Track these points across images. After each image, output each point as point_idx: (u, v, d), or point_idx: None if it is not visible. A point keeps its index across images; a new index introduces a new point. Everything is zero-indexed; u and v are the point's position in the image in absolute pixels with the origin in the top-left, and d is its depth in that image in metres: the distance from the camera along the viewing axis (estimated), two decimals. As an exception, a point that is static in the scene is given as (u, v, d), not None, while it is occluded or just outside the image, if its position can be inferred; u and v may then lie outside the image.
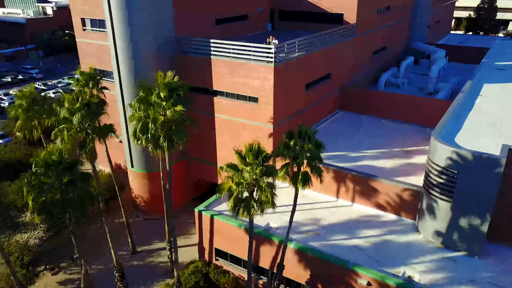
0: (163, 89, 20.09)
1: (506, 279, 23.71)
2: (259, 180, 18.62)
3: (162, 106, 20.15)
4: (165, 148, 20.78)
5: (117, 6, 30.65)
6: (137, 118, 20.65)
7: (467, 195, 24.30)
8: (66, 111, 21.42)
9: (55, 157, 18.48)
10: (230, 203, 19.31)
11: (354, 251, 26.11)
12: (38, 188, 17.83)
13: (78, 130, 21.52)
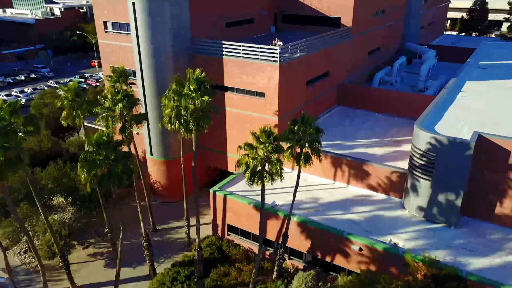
0: (193, 83, 24.51)
1: (476, 245, 28.15)
2: (270, 156, 23.03)
3: (192, 97, 24.56)
4: (193, 131, 25.17)
5: (141, 13, 35.05)
6: (171, 106, 25.08)
7: (443, 174, 28.74)
8: (110, 102, 25.82)
9: (105, 138, 22.83)
10: (247, 174, 23.73)
11: (348, 223, 30.53)
12: (91, 162, 22.16)
13: (119, 117, 25.92)
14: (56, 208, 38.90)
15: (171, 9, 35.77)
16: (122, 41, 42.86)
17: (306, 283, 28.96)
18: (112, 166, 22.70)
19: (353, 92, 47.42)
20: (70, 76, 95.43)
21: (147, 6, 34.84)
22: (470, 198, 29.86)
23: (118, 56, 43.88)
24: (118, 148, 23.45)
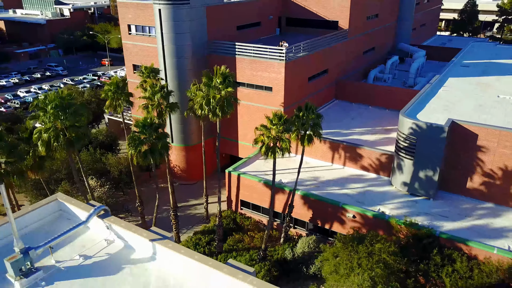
0: (219, 77, 30.27)
1: (450, 213, 34.02)
2: (280, 135, 28.82)
3: (218, 88, 30.33)
4: (219, 116, 30.97)
5: (166, 18, 40.85)
6: (201, 96, 30.82)
7: (423, 154, 34.61)
8: (150, 92, 31.54)
9: (148, 121, 28.57)
10: (262, 149, 29.53)
11: (344, 196, 36.38)
12: (138, 140, 27.89)
13: (157, 105, 31.62)
14: (91, 189, 44.62)
15: (191, 16, 41.57)
16: (144, 42, 48.64)
17: (309, 245, 34.89)
18: (154, 144, 28.47)
19: (349, 87, 53.29)
20: (83, 74, 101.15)
21: (171, 12, 40.64)
22: (446, 175, 35.76)
23: (140, 55, 49.63)
24: (159, 128, 29.25)
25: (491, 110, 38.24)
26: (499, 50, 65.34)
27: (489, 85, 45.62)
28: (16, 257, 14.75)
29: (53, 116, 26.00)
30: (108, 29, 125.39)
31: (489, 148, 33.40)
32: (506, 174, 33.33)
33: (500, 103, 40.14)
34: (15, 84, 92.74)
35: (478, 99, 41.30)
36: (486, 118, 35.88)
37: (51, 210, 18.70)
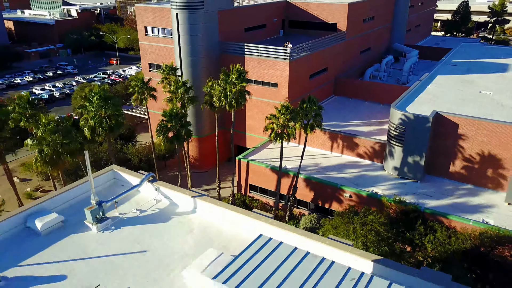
0: (235, 73, 35.12)
1: (434, 193, 38.95)
2: (287, 123, 33.69)
3: (234, 83, 35.19)
4: (235, 107, 35.84)
5: (182, 22, 45.70)
6: (219, 90, 35.67)
7: (411, 142, 39.54)
8: (174, 87, 36.32)
9: (174, 111, 33.34)
10: (272, 135, 34.43)
11: (342, 179, 41.30)
12: (165, 128, 32.66)
13: (180, 98, 36.41)
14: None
15: (205, 19, 46.44)
16: (160, 42, 53.49)
17: (311, 222, 39.82)
18: (179, 131, 33.28)
19: (347, 84, 58.22)
20: (92, 72, 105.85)
21: (187, 16, 45.50)
22: (431, 160, 40.72)
23: (155, 54, 54.47)
24: (184, 117, 34.06)
25: (472, 103, 43.23)
26: (486, 50, 70.34)
27: (473, 82, 50.60)
28: (93, 207, 19.68)
29: (98, 106, 30.87)
30: (115, 29, 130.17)
31: (468, 136, 38.37)
32: (483, 159, 38.29)
33: (481, 98, 45.12)
34: (29, 82, 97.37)
35: (461, 94, 46.27)
36: (467, 110, 40.84)
37: (108, 178, 23.66)
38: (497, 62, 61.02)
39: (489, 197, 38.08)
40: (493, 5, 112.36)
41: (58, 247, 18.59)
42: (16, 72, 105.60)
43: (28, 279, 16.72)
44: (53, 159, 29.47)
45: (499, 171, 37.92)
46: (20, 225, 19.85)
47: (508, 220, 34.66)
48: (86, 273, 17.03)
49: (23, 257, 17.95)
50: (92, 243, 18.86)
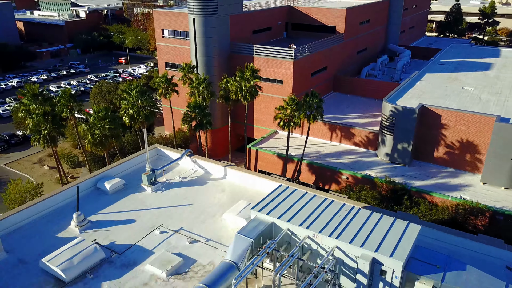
0: (249, 70, 41.07)
1: (420, 175, 44.96)
2: (294, 113, 39.69)
3: (248, 79, 41.14)
4: (249, 100, 41.78)
5: (199, 25, 51.62)
6: (235, 85, 41.59)
7: (400, 131, 45.54)
8: (196, 83, 42.20)
9: (198, 103, 39.28)
10: (280, 124, 40.44)
11: (340, 164, 47.29)
12: (189, 117, 38.60)
13: (201, 93, 42.38)
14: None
15: (218, 23, 52.41)
16: (175, 43, 59.41)
17: (313, 200, 45.75)
18: (202, 119, 39.26)
19: (345, 81, 64.24)
20: (103, 71, 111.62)
21: (203, 21, 51.44)
22: (418, 147, 46.78)
23: (171, 54, 60.38)
24: (206, 108, 40.08)
25: (454, 97, 49.31)
26: (473, 50, 76.46)
27: (457, 79, 56.71)
28: (148, 173, 25.64)
29: (137, 98, 36.81)
30: (122, 30, 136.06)
31: (449, 125, 44.43)
32: (462, 146, 44.36)
33: (463, 93, 51.21)
34: (44, 80, 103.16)
35: (446, 89, 52.35)
36: (449, 103, 46.92)
37: (152, 154, 29.62)
38: (481, 61, 67.13)
39: (467, 178, 44.18)
40: (483, 7, 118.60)
41: (124, 202, 24.57)
42: (30, 71, 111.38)
43: (107, 222, 22.69)
44: (101, 141, 35.34)
45: (475, 155, 43.99)
46: (91, 187, 25.80)
47: (482, 196, 40.70)
48: (149, 218, 23.01)
49: (99, 208, 23.91)
50: (149, 199, 24.84)
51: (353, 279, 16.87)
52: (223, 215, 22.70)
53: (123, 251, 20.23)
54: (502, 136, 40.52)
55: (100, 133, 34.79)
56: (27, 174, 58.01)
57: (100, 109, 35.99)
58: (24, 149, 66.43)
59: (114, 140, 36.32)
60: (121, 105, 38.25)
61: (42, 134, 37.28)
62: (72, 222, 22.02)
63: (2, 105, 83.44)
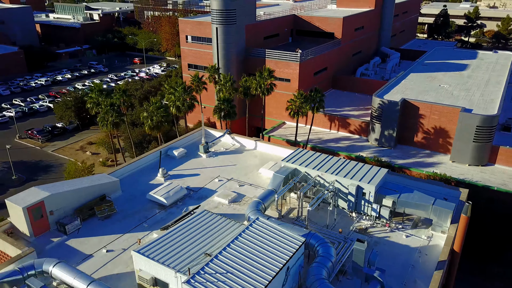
0: (266, 71, 52.25)
1: (402, 155, 56.22)
2: (302, 104, 50.86)
3: (265, 78, 52.31)
4: (266, 95, 52.94)
5: (220, 33, 62.66)
6: (255, 83, 52.72)
7: (386, 120, 56.76)
8: (224, 81, 53.21)
9: (226, 97, 50.32)
10: (291, 113, 51.64)
11: (337, 147, 58.50)
12: (219, 108, 49.63)
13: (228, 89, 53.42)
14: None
15: (236, 31, 63.48)
16: (197, 47, 70.44)
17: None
18: (229, 110, 50.35)
19: (342, 80, 75.43)
20: (119, 71, 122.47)
21: (224, 30, 62.50)
22: (401, 134, 58.01)
23: (193, 57, 71.39)
24: (232, 101, 51.13)
25: (431, 93, 60.60)
26: (454, 53, 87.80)
27: (436, 78, 68.03)
28: (203, 144, 36.76)
29: (182, 92, 47.94)
30: (135, 32, 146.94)
31: (426, 115, 55.65)
32: (435, 132, 55.58)
33: (439, 89, 62.49)
34: (68, 79, 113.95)
35: (425, 86, 63.64)
36: (426, 98, 58.15)
37: (200, 133, 40.62)
38: (459, 63, 78.46)
39: (440, 157, 55.47)
40: (468, 12, 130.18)
41: (188, 164, 35.66)
42: (53, 71, 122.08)
43: (180, 175, 33.72)
44: (157, 125, 46.31)
45: (446, 139, 55.26)
46: (163, 154, 36.82)
47: (450, 171, 51.85)
48: (209, 173, 34.09)
49: (171, 167, 34.97)
50: (205, 162, 35.95)
51: (345, 200, 28.01)
52: (259, 170, 33.83)
53: (197, 190, 31.34)
54: (465, 123, 51.86)
55: (157, 119, 45.80)
56: (73, 159, 69.02)
57: (157, 101, 47.05)
58: (65, 138, 77.49)
59: (166, 124, 47.41)
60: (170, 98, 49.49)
61: (109, 121, 48.27)
62: (158, 174, 33.08)
63: (38, 101, 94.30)
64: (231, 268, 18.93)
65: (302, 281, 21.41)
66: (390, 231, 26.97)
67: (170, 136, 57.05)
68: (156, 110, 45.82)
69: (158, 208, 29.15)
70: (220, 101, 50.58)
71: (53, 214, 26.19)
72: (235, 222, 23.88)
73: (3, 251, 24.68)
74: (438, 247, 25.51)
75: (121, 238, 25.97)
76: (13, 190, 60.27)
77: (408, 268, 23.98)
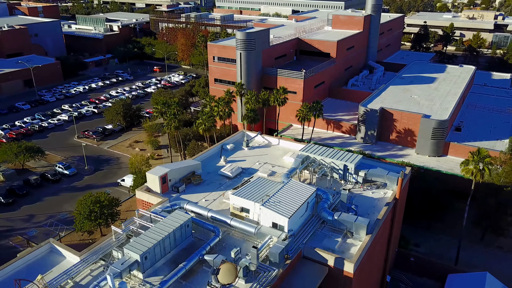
0: (281, 88, 72.72)
1: (381, 149, 77.07)
2: (307, 112, 71.32)
3: (280, 93, 72.73)
4: (280, 105, 73.33)
5: (243, 57, 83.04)
6: (273, 96, 72.98)
7: (369, 123, 77.49)
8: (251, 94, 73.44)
9: (252, 107, 70.36)
10: (299, 119, 72.03)
11: (333, 143, 79.18)
12: (248, 116, 69.83)
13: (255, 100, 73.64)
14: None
15: (255, 55, 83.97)
16: (222, 66, 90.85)
17: (317, 165, 77.76)
18: (254, 117, 70.68)
19: (336, 90, 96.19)
20: (143, 79, 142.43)
21: (246, 54, 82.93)
22: (380, 133, 78.81)
23: (219, 73, 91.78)
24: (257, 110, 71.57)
25: (403, 102, 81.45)
26: (428, 67, 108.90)
27: (409, 90, 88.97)
28: (246, 141, 57.48)
29: (222, 104, 68.44)
30: (152, 42, 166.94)
31: (398, 120, 76.46)
32: (405, 132, 76.40)
33: (410, 99, 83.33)
34: (101, 86, 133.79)
35: (399, 97, 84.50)
36: (399, 106, 78.92)
37: (241, 134, 61.28)
38: (430, 76, 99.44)
39: (408, 151, 76.33)
40: (445, 28, 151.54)
41: (236, 154, 56.07)
42: (84, 79, 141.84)
43: (234, 161, 54.12)
44: (209, 128, 66.62)
45: (413, 137, 76.09)
46: (219, 148, 57.15)
47: (415, 160, 72.64)
48: (251, 159, 54.49)
49: (227, 156, 55.38)
50: (247, 152, 56.40)
51: (337, 173, 48.57)
52: (283, 157, 54.33)
53: (247, 169, 51.74)
54: (425, 126, 72.73)
55: (208, 124, 66.10)
56: (125, 154, 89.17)
57: (208, 111, 67.48)
58: (114, 138, 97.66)
59: (214, 128, 67.71)
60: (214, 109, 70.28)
61: (172, 125, 68.53)
62: (221, 159, 53.43)
63: (83, 106, 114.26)
64: (279, 201, 39.15)
65: (314, 211, 41.78)
66: (363, 190, 47.41)
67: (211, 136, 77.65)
68: (208, 118, 66.17)
69: (227, 179, 49.47)
70: (248, 111, 71.06)
71: (170, 181, 46.42)
72: (277, 182, 44.28)
73: (147, 201, 44.88)
74: (389, 198, 45.96)
75: (209, 195, 46.22)
76: (87, 177, 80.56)
77: (371, 207, 44.36)
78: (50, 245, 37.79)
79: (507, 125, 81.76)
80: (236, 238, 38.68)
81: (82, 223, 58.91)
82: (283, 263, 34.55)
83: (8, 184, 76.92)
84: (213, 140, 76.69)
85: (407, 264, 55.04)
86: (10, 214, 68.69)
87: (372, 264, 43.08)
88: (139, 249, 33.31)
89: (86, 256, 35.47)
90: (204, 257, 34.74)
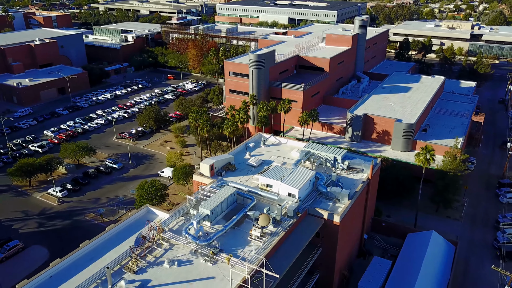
0: (286, 100, 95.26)
1: (364, 147, 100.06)
2: (308, 118, 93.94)
3: (286, 103, 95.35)
4: (286, 112, 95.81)
5: (254, 74, 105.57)
6: (280, 105, 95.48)
7: (355, 126, 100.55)
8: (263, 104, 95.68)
9: (264, 114, 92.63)
10: (300, 123, 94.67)
11: (327, 142, 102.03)
12: (261, 121, 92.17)
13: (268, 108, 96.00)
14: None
15: (264, 72, 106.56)
16: (236, 79, 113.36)
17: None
18: (266, 122, 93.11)
19: (329, 98, 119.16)
20: (159, 86, 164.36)
21: (257, 71, 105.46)
22: (364, 133, 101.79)
23: (233, 85, 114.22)
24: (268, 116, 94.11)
25: (382, 109, 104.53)
26: (406, 77, 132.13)
27: (388, 98, 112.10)
28: (263, 140, 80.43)
29: (243, 112, 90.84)
30: (164, 52, 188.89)
31: (377, 123, 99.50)
32: (383, 132, 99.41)
33: (387, 107, 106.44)
34: (124, 94, 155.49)
35: (379, 104, 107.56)
36: (379, 112, 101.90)
37: (259, 136, 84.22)
38: (406, 86, 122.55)
39: (385, 147, 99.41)
40: (424, 41, 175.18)
41: (256, 150, 78.69)
42: (107, 87, 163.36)
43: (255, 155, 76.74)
44: (234, 131, 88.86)
45: (389, 137, 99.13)
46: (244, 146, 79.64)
47: (390, 154, 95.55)
48: (268, 154, 77.14)
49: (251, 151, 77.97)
50: (264, 149, 79.05)
51: (330, 162, 71.32)
52: (290, 152, 77.01)
53: (266, 160, 74.36)
54: (397, 128, 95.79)
55: (233, 128, 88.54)
56: (158, 151, 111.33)
57: (231, 117, 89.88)
58: (146, 138, 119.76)
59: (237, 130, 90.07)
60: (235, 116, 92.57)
61: (205, 129, 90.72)
62: (246, 154, 75.93)
63: (114, 112, 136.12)
64: (292, 179, 61.70)
65: (314, 187, 64.41)
66: (347, 174, 70.04)
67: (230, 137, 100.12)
68: (232, 123, 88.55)
69: (252, 167, 71.89)
70: (260, 117, 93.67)
71: (216, 168, 68.85)
72: (288, 168, 66.81)
73: (201, 182, 67.29)
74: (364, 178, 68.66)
75: (242, 178, 68.58)
76: (132, 170, 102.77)
77: (352, 184, 66.95)
78: (147, 208, 60.14)
79: (464, 127, 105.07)
80: (264, 203, 61.30)
81: (141, 203, 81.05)
82: (295, 216, 57.17)
83: (70, 176, 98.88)
84: (231, 140, 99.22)
85: (380, 227, 77.88)
86: (79, 198, 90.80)
87: (353, 220, 66.02)
88: (208, 207, 55.73)
89: (173, 214, 57.86)
90: (247, 213, 57.27)
